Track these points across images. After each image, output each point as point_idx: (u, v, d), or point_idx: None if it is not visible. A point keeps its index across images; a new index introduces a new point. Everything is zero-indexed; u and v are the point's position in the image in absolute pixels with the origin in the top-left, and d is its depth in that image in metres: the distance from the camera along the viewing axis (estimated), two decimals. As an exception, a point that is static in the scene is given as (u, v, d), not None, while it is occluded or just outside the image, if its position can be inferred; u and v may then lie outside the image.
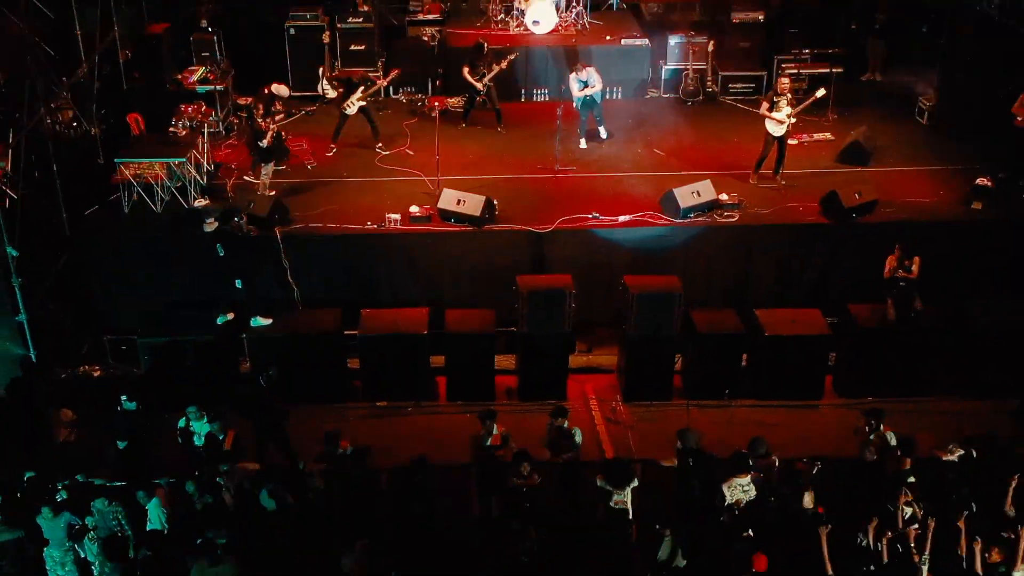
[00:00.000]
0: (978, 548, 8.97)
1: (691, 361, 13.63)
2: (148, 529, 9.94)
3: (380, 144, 16.04)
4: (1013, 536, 9.12)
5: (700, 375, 13.49)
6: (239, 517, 9.88)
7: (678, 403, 13.25)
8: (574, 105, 16.04)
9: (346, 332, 13.40)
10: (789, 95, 14.53)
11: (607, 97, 17.43)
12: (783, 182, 14.89)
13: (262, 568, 9.48)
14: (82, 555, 10.15)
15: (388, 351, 13.31)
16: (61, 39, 14.32)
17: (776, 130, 14.62)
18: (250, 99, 14.48)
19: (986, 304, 13.60)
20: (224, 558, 9.08)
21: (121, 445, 11.40)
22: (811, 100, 14.65)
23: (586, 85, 15.85)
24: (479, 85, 16.36)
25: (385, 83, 16.45)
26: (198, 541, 9.30)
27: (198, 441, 11.18)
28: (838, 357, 13.77)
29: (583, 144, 16.14)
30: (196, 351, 13.01)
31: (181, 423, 11.33)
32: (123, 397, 11.75)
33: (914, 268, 12.78)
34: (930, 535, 9.06)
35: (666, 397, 13.53)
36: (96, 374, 13.92)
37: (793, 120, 14.58)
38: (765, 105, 14.65)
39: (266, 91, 14.87)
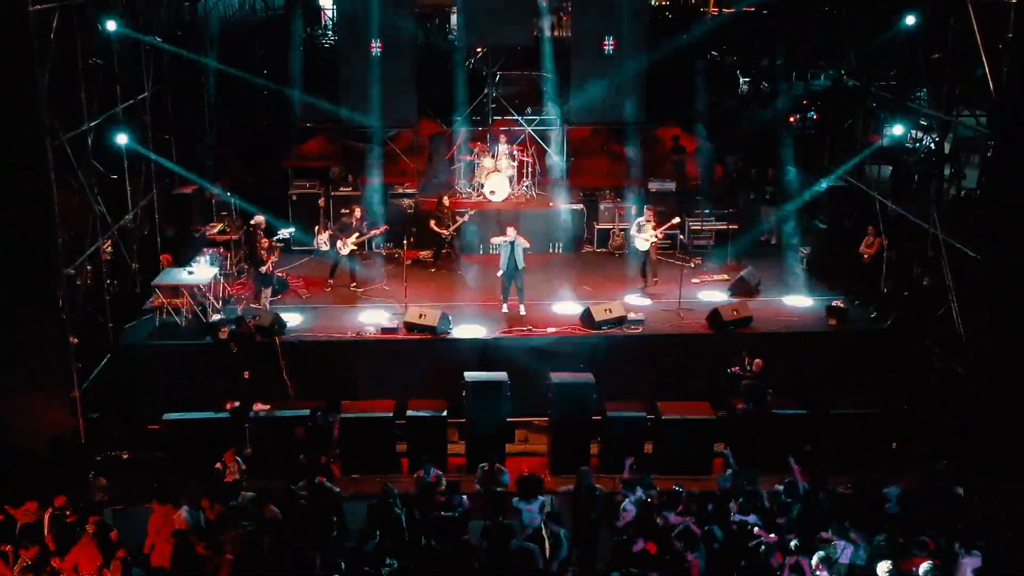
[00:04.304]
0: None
1: (604, 440, 16.97)
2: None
3: (355, 284, 19.83)
4: None
5: (611, 452, 16.77)
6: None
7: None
8: (500, 273, 18.45)
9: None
10: (653, 221, 19.14)
11: (550, 251, 21.61)
12: (644, 285, 19.42)
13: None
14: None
15: (362, 433, 16.66)
16: (112, 193, 18.34)
17: (642, 246, 19.30)
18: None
19: (837, 397, 17.05)
20: None
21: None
22: (668, 225, 19.42)
23: (513, 247, 18.21)
24: (445, 233, 20.38)
25: (377, 232, 20.46)
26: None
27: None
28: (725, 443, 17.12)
29: (505, 308, 18.54)
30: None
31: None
32: None
33: (753, 368, 16.37)
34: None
35: (585, 470, 16.74)
36: (125, 457, 17.16)
37: (655, 239, 19.08)
38: (634, 227, 19.07)
39: (250, 223, 18.83)
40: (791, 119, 22.86)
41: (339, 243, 19.62)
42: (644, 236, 19.30)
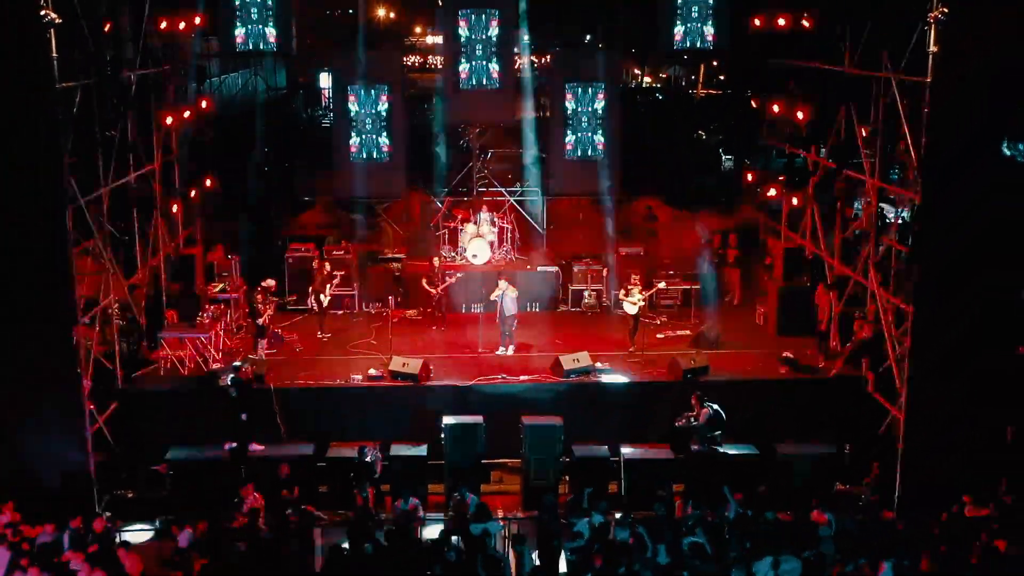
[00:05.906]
0: None
1: (572, 478, 18.40)
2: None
3: (322, 330, 21.76)
4: None
5: (579, 489, 18.17)
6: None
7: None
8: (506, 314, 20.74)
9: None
10: (640, 286, 20.63)
11: (527, 310, 23.24)
12: (632, 348, 20.62)
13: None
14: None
15: (348, 471, 18.09)
16: (124, 252, 20.03)
17: (630, 309, 20.65)
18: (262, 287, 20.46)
19: (787, 440, 18.53)
20: None
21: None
22: (653, 290, 20.79)
23: (503, 297, 20.58)
24: (434, 292, 22.11)
25: (340, 276, 22.28)
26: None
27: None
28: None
29: (510, 351, 20.73)
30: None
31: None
32: None
33: (700, 418, 17.89)
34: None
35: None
36: (129, 495, 18.58)
37: (642, 303, 20.40)
38: (623, 292, 20.56)
39: (259, 287, 20.61)
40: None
41: (318, 298, 21.42)
42: (631, 300, 20.82)
